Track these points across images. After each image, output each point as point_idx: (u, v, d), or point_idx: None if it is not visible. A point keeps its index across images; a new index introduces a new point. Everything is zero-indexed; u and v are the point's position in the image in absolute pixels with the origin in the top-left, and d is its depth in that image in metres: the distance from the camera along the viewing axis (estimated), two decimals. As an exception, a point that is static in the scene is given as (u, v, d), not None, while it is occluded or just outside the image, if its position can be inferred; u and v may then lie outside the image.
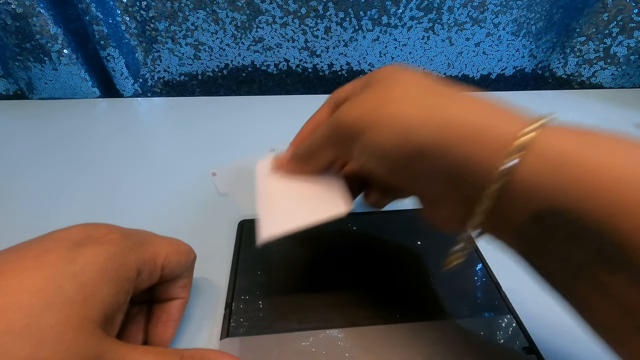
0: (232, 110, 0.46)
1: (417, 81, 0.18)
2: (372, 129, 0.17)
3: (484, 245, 0.27)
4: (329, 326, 0.22)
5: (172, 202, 0.33)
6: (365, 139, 0.18)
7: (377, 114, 0.17)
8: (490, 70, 0.51)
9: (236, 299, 0.24)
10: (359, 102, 0.18)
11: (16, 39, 0.41)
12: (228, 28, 0.46)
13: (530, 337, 0.22)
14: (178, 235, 0.29)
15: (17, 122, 0.44)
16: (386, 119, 0.17)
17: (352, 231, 0.29)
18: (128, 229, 0.20)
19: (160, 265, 0.20)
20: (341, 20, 0.45)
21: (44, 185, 0.35)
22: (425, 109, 0.16)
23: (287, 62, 0.49)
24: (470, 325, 0.22)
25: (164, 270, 0.20)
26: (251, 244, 0.28)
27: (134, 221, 0.22)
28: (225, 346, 0.21)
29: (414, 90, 0.18)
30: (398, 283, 0.25)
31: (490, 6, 0.45)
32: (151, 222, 0.28)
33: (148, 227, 0.22)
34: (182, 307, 0.23)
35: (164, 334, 0.21)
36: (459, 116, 0.16)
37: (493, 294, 0.24)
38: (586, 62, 0.50)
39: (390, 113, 0.17)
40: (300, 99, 0.50)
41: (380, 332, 0.22)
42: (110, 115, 0.46)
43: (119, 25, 0.44)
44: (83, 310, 0.15)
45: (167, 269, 0.21)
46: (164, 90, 0.52)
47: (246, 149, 0.39)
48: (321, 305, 0.23)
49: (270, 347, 0.21)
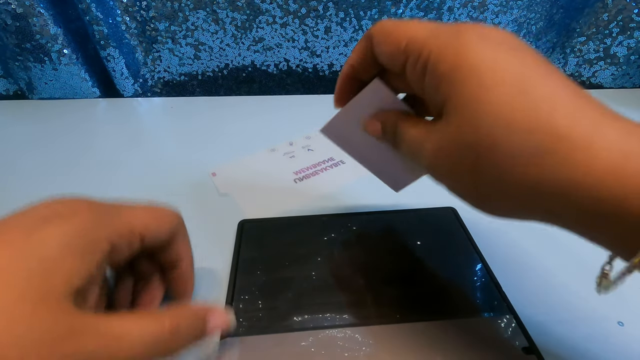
0: (232, 110, 0.46)
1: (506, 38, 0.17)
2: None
3: (484, 245, 0.27)
4: (329, 326, 0.22)
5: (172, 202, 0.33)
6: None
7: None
8: (490, 70, 0.51)
9: (236, 299, 0.24)
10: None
11: (16, 39, 0.41)
12: (228, 28, 0.46)
13: (530, 337, 0.22)
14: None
15: (17, 122, 0.44)
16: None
17: (352, 231, 0.29)
18: (100, 203, 0.19)
19: (139, 234, 0.19)
20: (341, 20, 0.45)
21: (44, 185, 0.35)
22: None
23: (287, 62, 0.50)
24: (470, 325, 0.22)
25: (145, 239, 0.20)
26: (251, 244, 0.28)
27: (134, 221, 0.22)
28: (225, 346, 0.21)
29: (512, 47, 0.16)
30: (398, 283, 0.25)
31: (490, 6, 0.45)
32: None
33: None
34: (189, 266, 0.23)
35: (185, 291, 0.23)
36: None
37: (493, 294, 0.24)
38: (586, 62, 0.50)
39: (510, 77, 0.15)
40: (300, 99, 0.50)
41: (380, 332, 0.22)
42: (110, 115, 0.46)
43: (119, 25, 0.44)
44: (44, 284, 0.15)
45: (148, 237, 0.20)
46: (164, 90, 0.52)
47: (246, 149, 0.39)
48: (321, 305, 0.23)
49: (270, 347, 0.21)
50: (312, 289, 0.25)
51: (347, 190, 0.34)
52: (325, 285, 0.25)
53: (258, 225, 0.29)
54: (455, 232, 0.29)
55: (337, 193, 0.34)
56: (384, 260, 0.27)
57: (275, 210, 0.32)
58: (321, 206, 0.32)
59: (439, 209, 0.30)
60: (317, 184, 0.35)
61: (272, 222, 0.30)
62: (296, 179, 0.36)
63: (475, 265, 0.26)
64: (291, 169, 0.37)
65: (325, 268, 0.26)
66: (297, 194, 0.34)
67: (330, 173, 0.36)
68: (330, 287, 0.25)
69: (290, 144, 0.40)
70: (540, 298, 0.24)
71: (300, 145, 0.40)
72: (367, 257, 0.27)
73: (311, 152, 0.39)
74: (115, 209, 0.19)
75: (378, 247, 0.28)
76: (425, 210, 0.31)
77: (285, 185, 0.35)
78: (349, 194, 0.33)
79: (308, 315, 0.23)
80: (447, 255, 0.27)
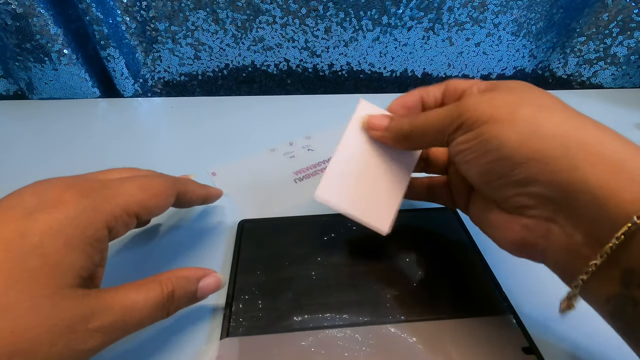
0: (232, 110, 0.46)
1: (553, 97, 0.19)
2: (500, 123, 0.17)
3: (484, 245, 0.27)
4: (329, 326, 0.22)
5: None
6: (486, 129, 0.18)
7: (512, 111, 0.17)
8: (491, 70, 0.51)
9: (236, 298, 0.24)
10: (492, 97, 0.19)
11: (16, 39, 0.41)
12: (228, 28, 0.46)
13: (530, 337, 0.22)
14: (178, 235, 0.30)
15: (17, 122, 0.44)
16: (520, 118, 0.17)
17: (352, 231, 0.29)
18: (89, 182, 0.19)
19: (135, 214, 0.19)
20: (341, 20, 0.45)
21: (44, 185, 0.35)
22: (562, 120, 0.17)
23: (288, 62, 0.50)
24: (470, 325, 0.22)
25: (141, 216, 0.20)
26: (251, 244, 0.28)
27: (134, 221, 0.22)
28: (225, 346, 0.21)
29: (550, 102, 0.18)
30: (398, 283, 0.25)
31: (490, 6, 0.45)
32: (151, 222, 0.28)
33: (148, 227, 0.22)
34: (199, 198, 0.26)
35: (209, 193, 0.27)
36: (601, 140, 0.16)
37: (493, 294, 0.24)
38: (586, 62, 0.50)
39: (526, 114, 0.17)
40: (300, 99, 0.50)
41: (380, 332, 0.22)
42: (110, 115, 0.46)
43: (119, 25, 0.44)
44: (53, 280, 0.15)
45: (144, 215, 0.20)
46: (164, 91, 0.52)
47: (246, 149, 0.39)
48: (321, 305, 0.23)
49: (270, 347, 0.21)
50: (312, 288, 0.25)
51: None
52: (325, 285, 0.25)
53: (258, 225, 0.29)
54: (455, 232, 0.29)
55: (337, 193, 0.34)
56: (384, 260, 0.27)
57: (275, 210, 0.32)
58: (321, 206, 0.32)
59: (440, 209, 0.30)
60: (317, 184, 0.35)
61: (272, 222, 0.30)
62: (296, 179, 0.36)
63: (475, 265, 0.26)
64: (291, 169, 0.37)
65: (325, 268, 0.26)
66: (297, 194, 0.34)
67: (330, 173, 0.36)
68: (330, 287, 0.25)
69: (290, 144, 0.40)
70: (540, 298, 0.24)
71: (300, 145, 0.40)
72: (367, 257, 0.27)
73: (311, 152, 0.39)
74: (108, 189, 0.19)
75: (378, 247, 0.28)
76: (425, 211, 0.31)
77: (285, 185, 0.35)
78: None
79: (308, 315, 0.23)
80: (447, 255, 0.27)
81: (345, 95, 0.50)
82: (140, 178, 0.21)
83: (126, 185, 0.20)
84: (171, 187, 0.22)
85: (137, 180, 0.20)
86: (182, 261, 0.27)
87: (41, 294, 0.15)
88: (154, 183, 0.21)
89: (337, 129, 0.43)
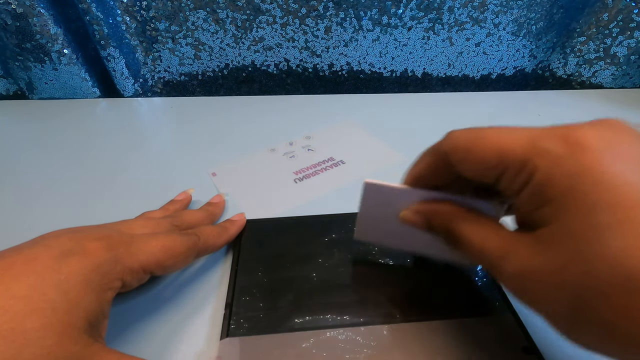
0: (232, 110, 0.46)
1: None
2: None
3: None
4: (330, 327, 0.22)
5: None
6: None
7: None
8: (491, 70, 0.51)
9: (236, 299, 0.24)
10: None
11: (16, 39, 0.41)
12: (228, 28, 0.46)
13: (530, 337, 0.22)
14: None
15: (17, 122, 0.44)
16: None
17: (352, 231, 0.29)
18: (120, 236, 0.20)
19: (150, 272, 0.21)
20: (341, 20, 0.45)
21: (44, 185, 0.35)
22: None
23: (288, 62, 0.50)
24: (470, 325, 0.22)
25: (155, 273, 0.21)
26: (251, 245, 0.28)
27: (134, 221, 0.22)
28: (225, 346, 0.21)
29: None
30: (398, 283, 0.25)
31: (490, 6, 0.45)
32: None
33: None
34: (223, 241, 0.27)
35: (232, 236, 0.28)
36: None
37: (493, 294, 0.24)
38: (586, 62, 0.50)
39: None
40: (300, 98, 0.50)
41: (381, 333, 0.22)
42: (110, 115, 0.46)
43: (119, 25, 0.44)
44: (66, 317, 0.16)
45: (158, 272, 0.21)
46: (164, 90, 0.52)
47: (246, 149, 0.39)
48: (321, 306, 0.23)
49: (270, 348, 0.21)
50: (313, 289, 0.25)
51: (347, 190, 0.34)
52: (325, 285, 0.25)
53: (258, 225, 0.29)
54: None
55: (338, 193, 0.34)
56: (384, 260, 0.27)
57: (275, 210, 0.32)
58: (321, 206, 0.32)
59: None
60: (317, 184, 0.35)
61: (272, 222, 0.30)
62: (296, 179, 0.36)
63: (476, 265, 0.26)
64: (291, 169, 0.37)
65: (326, 268, 0.26)
66: (297, 194, 0.34)
67: (330, 173, 0.36)
68: (331, 288, 0.25)
69: (290, 144, 0.40)
70: (540, 298, 0.24)
71: (300, 145, 0.40)
72: (367, 257, 0.27)
73: (311, 152, 0.39)
74: (134, 245, 0.20)
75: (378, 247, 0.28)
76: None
77: (285, 185, 0.35)
78: (349, 194, 0.33)
79: (309, 315, 0.23)
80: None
81: (345, 95, 0.50)
82: (164, 237, 0.22)
83: (151, 242, 0.21)
84: (192, 248, 0.23)
85: (162, 240, 0.22)
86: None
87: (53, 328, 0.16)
88: (177, 243, 0.22)
89: (337, 129, 0.43)
